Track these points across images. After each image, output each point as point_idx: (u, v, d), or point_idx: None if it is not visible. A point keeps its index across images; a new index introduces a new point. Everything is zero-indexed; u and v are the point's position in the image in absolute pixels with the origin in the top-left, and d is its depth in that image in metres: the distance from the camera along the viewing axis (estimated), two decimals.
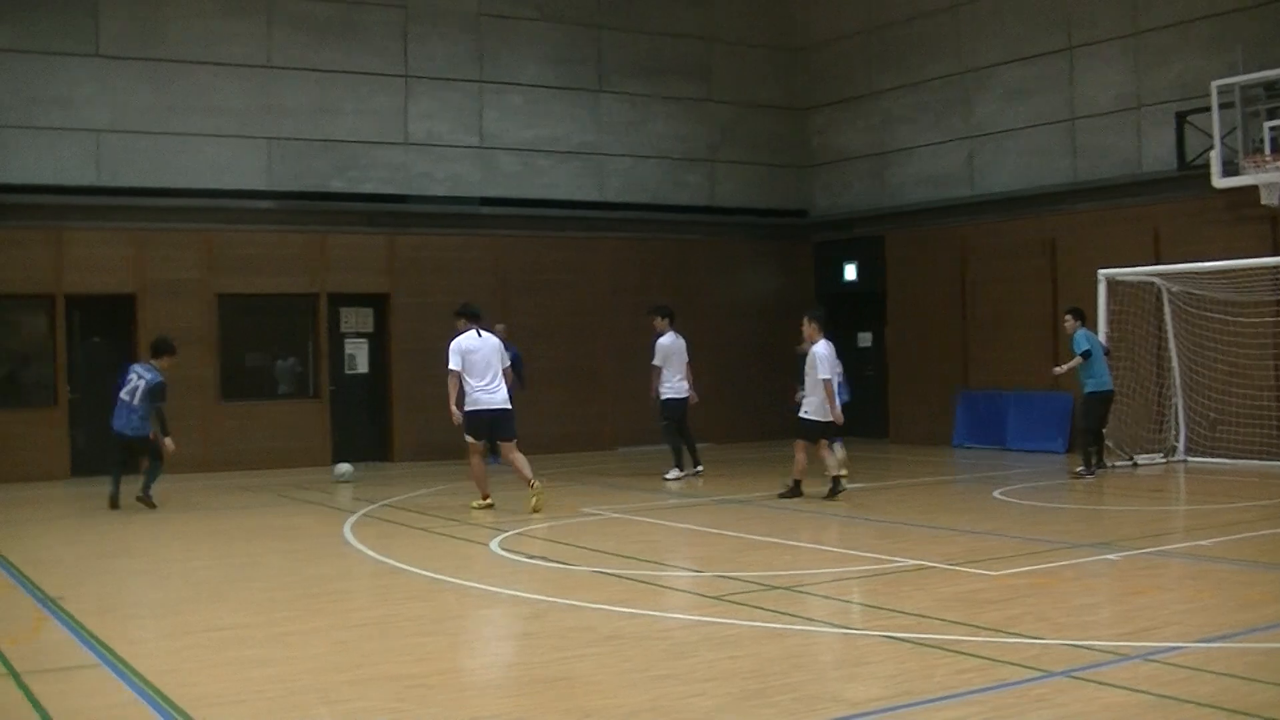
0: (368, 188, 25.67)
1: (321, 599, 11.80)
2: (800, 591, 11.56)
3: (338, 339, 25.55)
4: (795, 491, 18.12)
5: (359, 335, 25.80)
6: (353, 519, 17.03)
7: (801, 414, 18.25)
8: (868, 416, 24.62)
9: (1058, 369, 21.16)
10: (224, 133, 24.53)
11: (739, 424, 28.00)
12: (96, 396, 23.28)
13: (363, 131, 25.69)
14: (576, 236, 27.58)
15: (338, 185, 25.40)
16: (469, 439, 17.64)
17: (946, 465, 23.57)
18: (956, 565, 12.43)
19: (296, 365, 25.42)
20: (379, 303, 25.83)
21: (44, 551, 15.19)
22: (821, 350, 18.01)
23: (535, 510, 17.10)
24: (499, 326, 23.35)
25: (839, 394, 18.43)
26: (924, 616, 10.12)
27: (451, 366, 17.40)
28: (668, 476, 21.31)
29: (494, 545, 14.43)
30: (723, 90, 29.48)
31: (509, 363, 17.96)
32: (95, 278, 23.57)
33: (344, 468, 21.67)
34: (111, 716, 7.95)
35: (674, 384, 21.74)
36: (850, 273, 29.72)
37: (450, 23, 26.54)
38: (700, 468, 21.85)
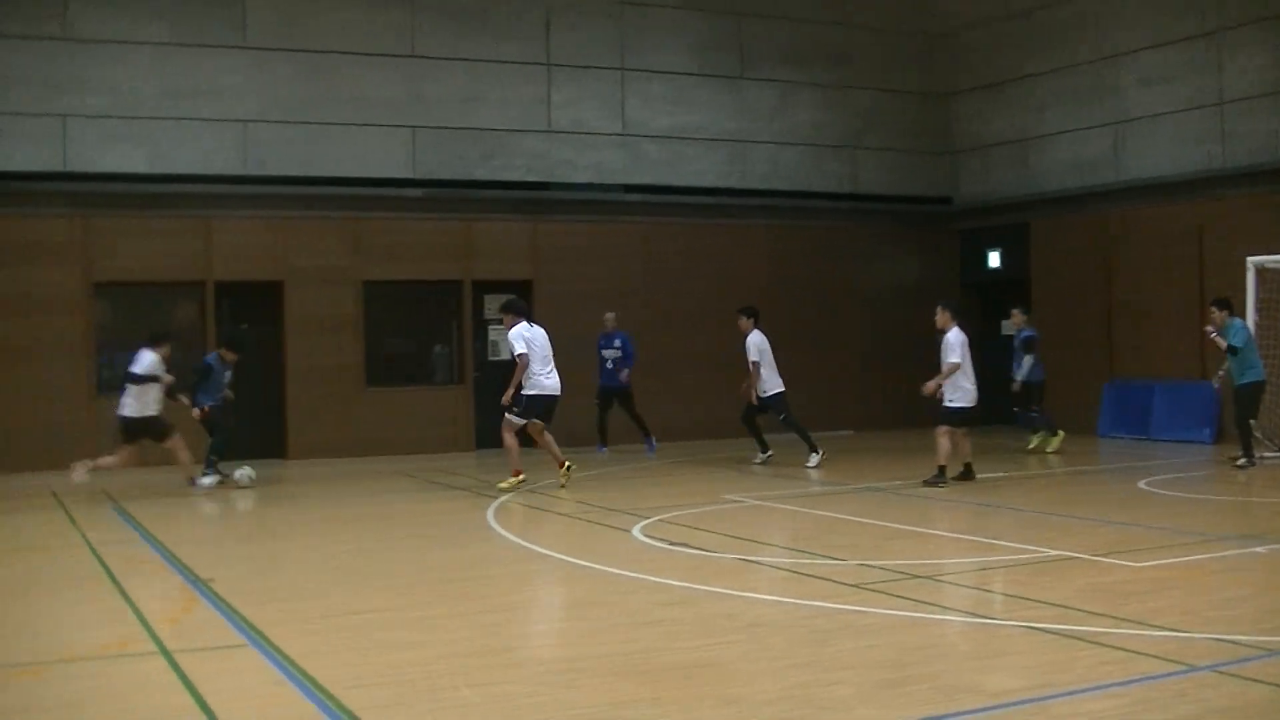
0: (511, 175, 25.87)
1: (465, 583, 11.93)
2: (941, 581, 11.54)
3: (481, 325, 25.75)
4: (940, 478, 18.06)
5: (502, 322, 25.96)
6: (495, 504, 17.19)
7: (946, 401, 18.26)
8: (1009, 405, 24.40)
9: (1220, 374, 20.84)
10: (369, 122, 24.84)
11: (881, 411, 27.93)
12: (244, 382, 23.71)
13: (506, 119, 25.89)
14: (719, 223, 27.60)
15: (482, 173, 25.62)
16: (524, 420, 18.77)
17: (1091, 455, 23.31)
18: (1099, 556, 12.33)
19: (440, 351, 25.67)
20: (522, 289, 26.01)
21: (196, 533, 15.52)
22: (954, 336, 18.03)
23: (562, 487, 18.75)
24: (609, 315, 23.59)
25: (1034, 374, 20.93)
26: (1065, 607, 10.05)
27: (521, 350, 18.57)
28: (809, 465, 21.34)
29: (636, 531, 14.51)
30: (865, 76, 29.34)
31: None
32: (243, 265, 23.99)
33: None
34: (259, 696, 8.11)
35: (771, 379, 22.19)
36: (994, 260, 29.49)
37: (592, 11, 26.66)
38: (770, 453, 22.41)
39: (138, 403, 19.12)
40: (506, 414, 18.79)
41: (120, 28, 23.39)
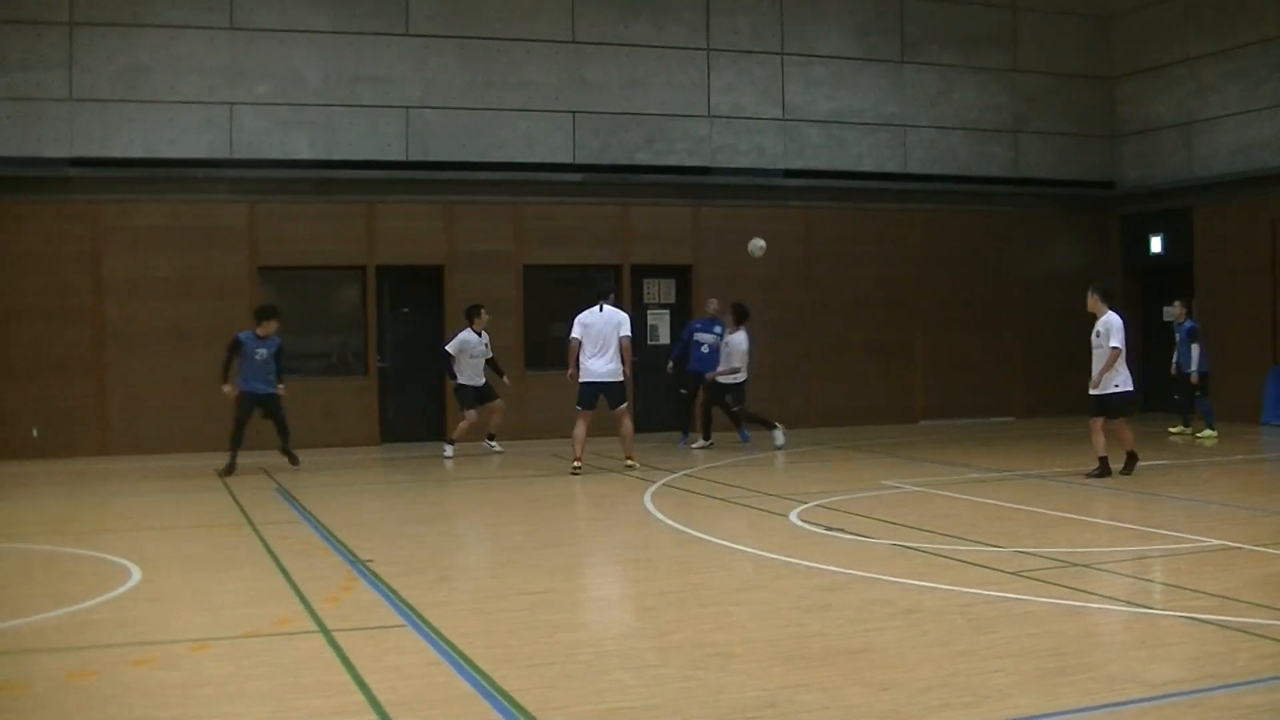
0: (671, 160, 25.97)
1: (623, 566, 12.07)
2: (1100, 569, 11.48)
3: (640, 310, 25.86)
4: (1104, 470, 17.72)
5: (661, 306, 26.12)
6: (653, 488, 17.30)
7: (1103, 389, 17.80)
8: (1171, 393, 24.11)
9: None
10: (531, 107, 25.05)
11: (1044, 397, 27.71)
12: (405, 365, 24.15)
13: (666, 104, 25.98)
14: (881, 208, 27.50)
15: (642, 158, 25.75)
16: (577, 406, 19.37)
17: (1255, 443, 22.99)
18: (1263, 547, 12.19)
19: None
20: (682, 274, 26.14)
21: (355, 515, 15.79)
22: (1114, 320, 17.66)
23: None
24: (711, 302, 23.52)
25: (1202, 364, 21.38)
26: (1227, 598, 9.97)
27: (574, 335, 19.28)
28: (777, 444, 22.51)
29: (793, 517, 14.56)
30: (1028, 59, 29.06)
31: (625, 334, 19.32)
32: (404, 249, 24.35)
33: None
34: (416, 675, 8.25)
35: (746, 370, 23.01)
36: (1157, 245, 29.08)
37: None
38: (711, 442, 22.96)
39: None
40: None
41: (285, 17, 23.82)
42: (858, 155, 27.43)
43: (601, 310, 19.32)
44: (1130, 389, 17.76)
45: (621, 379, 19.36)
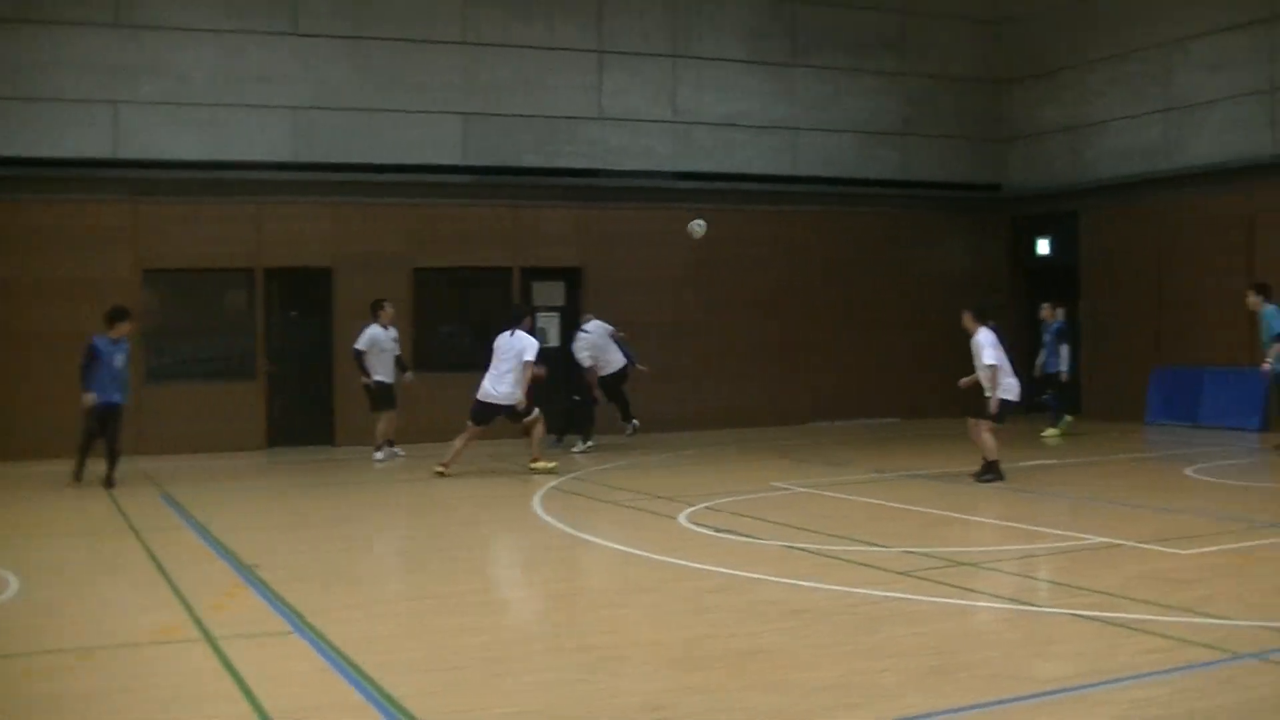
0: (562, 162, 25.91)
1: (513, 570, 12.05)
2: (986, 568, 11.57)
3: (530, 313, 25.76)
4: (991, 474, 17.76)
5: (551, 309, 26.05)
6: (542, 491, 17.26)
7: (988, 394, 17.95)
8: (1060, 392, 24.38)
9: (1266, 365, 20.66)
10: (422, 108, 24.90)
11: (929, 398, 27.89)
12: (293, 369, 23.94)
13: (557, 107, 25.92)
14: (771, 210, 27.56)
15: (533, 160, 25.67)
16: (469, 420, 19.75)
17: (1139, 442, 23.28)
18: (1147, 544, 12.33)
19: (488, 339, 25.68)
20: (571, 276, 26.09)
21: (242, 520, 15.64)
22: (983, 339, 17.80)
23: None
24: (595, 322, 23.47)
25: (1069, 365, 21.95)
26: (1112, 595, 10.07)
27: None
28: (577, 450, 22.62)
29: (682, 519, 14.57)
30: (917, 63, 29.26)
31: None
32: (293, 252, 24.12)
33: None
34: (304, 683, 8.18)
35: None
36: (1044, 247, 29.39)
37: None
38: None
39: None
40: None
41: (172, 15, 23.51)
42: (748, 158, 27.50)
43: (512, 335, 19.55)
44: (1009, 398, 17.79)
45: (514, 403, 19.44)
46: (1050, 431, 23.58)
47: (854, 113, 28.57)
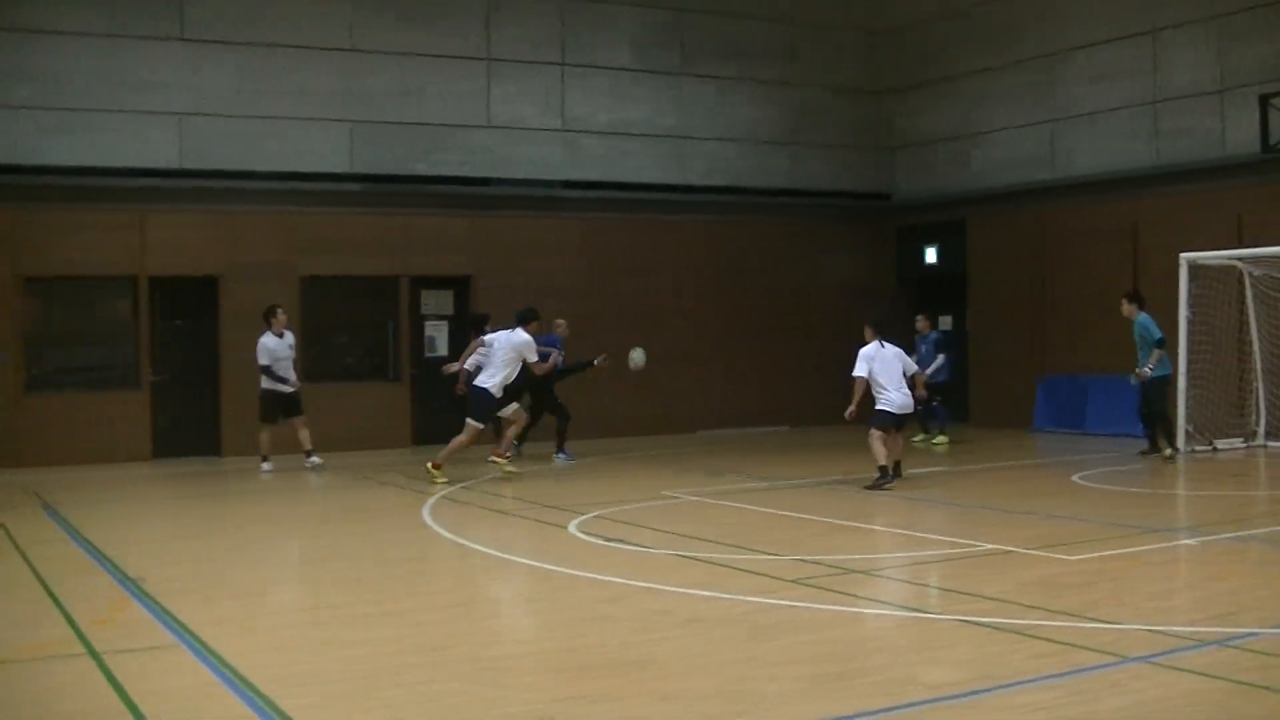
0: (450, 170, 25.77)
1: (401, 581, 11.91)
2: (879, 575, 11.60)
3: (418, 321, 25.67)
4: (883, 479, 17.91)
5: (439, 318, 25.92)
6: (431, 501, 17.14)
7: (878, 405, 18.15)
8: (948, 400, 24.55)
9: (1147, 370, 20.90)
10: (307, 115, 24.69)
11: (819, 406, 27.96)
12: (179, 378, 23.63)
13: (445, 114, 25.79)
14: (660, 219, 27.58)
15: (420, 168, 25.52)
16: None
17: (1026, 449, 23.49)
18: (1035, 550, 12.40)
19: (377, 348, 25.53)
20: (460, 285, 25.96)
21: (127, 532, 15.40)
22: (861, 351, 18.13)
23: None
24: (559, 322, 23.25)
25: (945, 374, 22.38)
26: (1002, 601, 10.11)
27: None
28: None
29: (573, 528, 14.50)
30: (806, 73, 29.40)
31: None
32: (177, 260, 23.80)
33: None
34: (190, 697, 8.03)
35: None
36: (931, 256, 29.62)
37: (533, 5, 26.58)
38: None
39: None
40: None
41: (51, 18, 23.12)
42: (637, 166, 27.50)
43: (513, 332, 19.77)
44: (885, 409, 17.91)
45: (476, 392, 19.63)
46: (940, 439, 23.72)
47: (743, 122, 28.66)
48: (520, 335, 19.51)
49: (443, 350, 25.55)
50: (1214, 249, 22.27)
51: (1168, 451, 20.40)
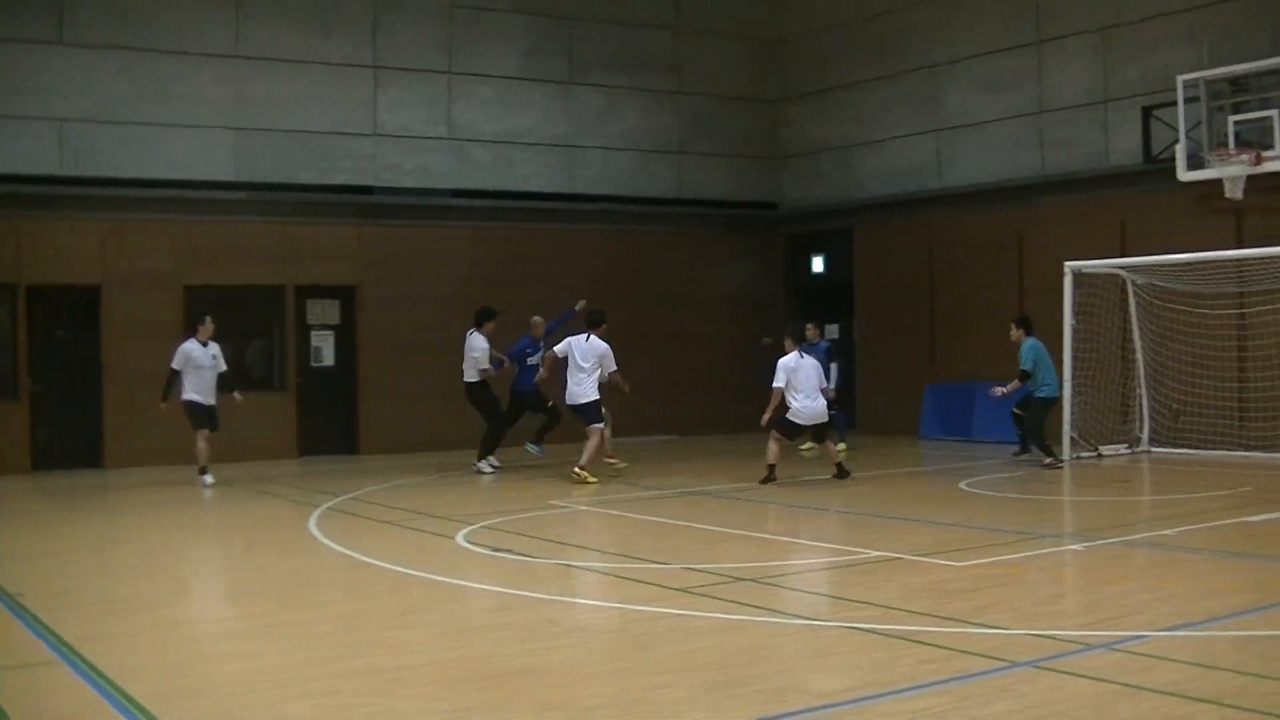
0: (337, 179, 25.57)
1: (289, 593, 11.76)
2: (767, 583, 11.57)
3: (304, 331, 25.44)
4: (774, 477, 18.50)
5: (325, 327, 25.70)
6: (318, 513, 16.96)
7: (789, 414, 18.62)
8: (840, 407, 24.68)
9: (1001, 390, 21.26)
10: (193, 123, 24.38)
11: (707, 415, 28.03)
12: (60, 389, 23.25)
13: (332, 122, 25.59)
14: (548, 228, 27.50)
15: (307, 176, 25.29)
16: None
17: (914, 457, 23.64)
18: (923, 556, 12.44)
19: (263, 357, 25.27)
20: (347, 295, 25.74)
21: (5, 546, 15.11)
22: (780, 362, 18.78)
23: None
24: (537, 319, 22.98)
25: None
26: (890, 607, 10.13)
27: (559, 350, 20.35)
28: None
29: (460, 538, 14.40)
30: (694, 82, 29.46)
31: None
32: (60, 268, 23.41)
33: None
34: (72, 714, 7.88)
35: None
36: (818, 265, 29.79)
37: (421, 13, 26.43)
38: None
39: None
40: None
41: None
42: (525, 175, 27.42)
43: (588, 340, 20.06)
44: (795, 420, 18.66)
45: (589, 402, 19.94)
46: (809, 448, 23.61)
47: (631, 131, 28.68)
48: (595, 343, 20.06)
49: (329, 360, 25.37)
50: (1098, 258, 22.57)
51: (1047, 461, 20.66)
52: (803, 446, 23.40)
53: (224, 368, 21.12)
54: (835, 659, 8.81)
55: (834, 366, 23.86)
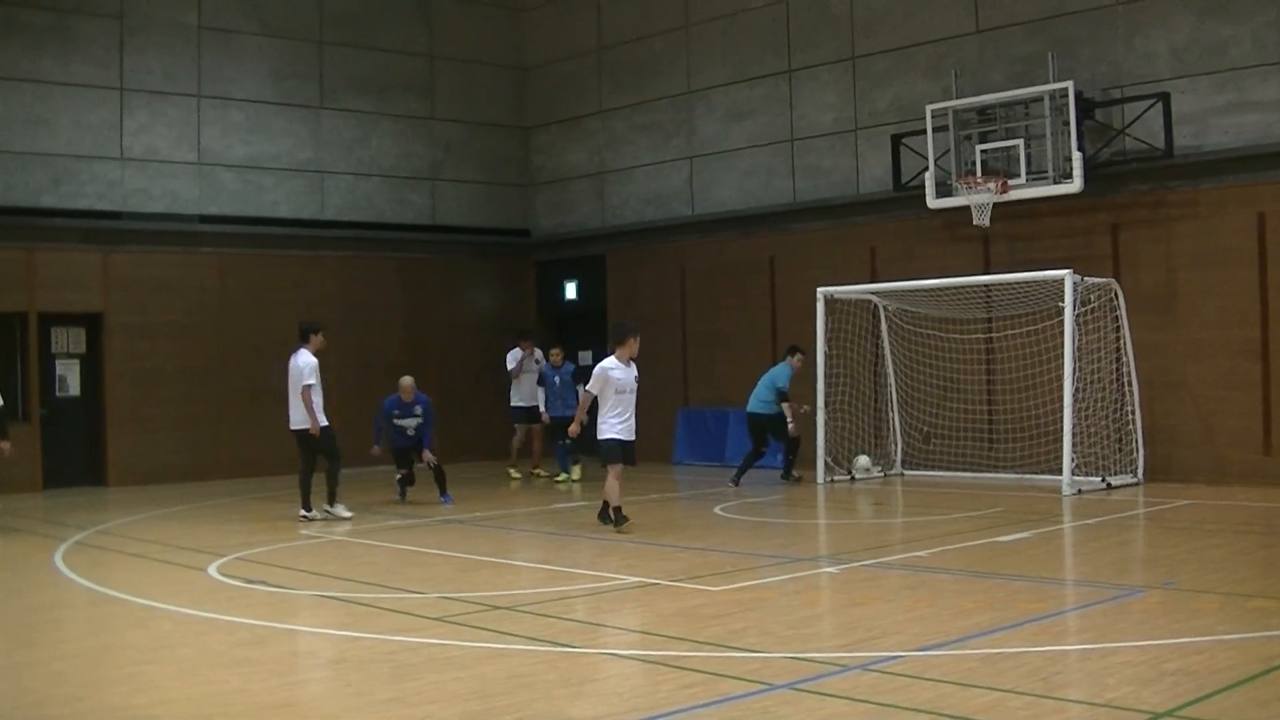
0: (81, 203, 24.92)
1: (33, 629, 11.43)
2: (523, 611, 11.54)
3: (48, 360, 24.75)
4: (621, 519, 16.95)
5: (71, 356, 25.05)
6: (64, 546, 16.52)
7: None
8: (557, 438, 24.67)
9: (796, 409, 21.85)
10: None
11: (461, 443, 27.87)
12: None
13: (76, 145, 24.93)
14: (297, 254, 27.15)
15: (49, 200, 24.61)
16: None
17: (667, 482, 23.78)
18: (679, 581, 12.53)
19: (4, 388, 24.54)
20: (93, 322, 25.12)
21: None
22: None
23: None
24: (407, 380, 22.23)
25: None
26: (647, 633, 10.19)
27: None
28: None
29: (212, 570, 14.14)
30: (447, 108, 29.39)
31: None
32: None
33: None
34: None
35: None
36: (571, 291, 29.88)
37: (169, 35, 25.91)
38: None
39: None
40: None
41: None
42: (274, 201, 27.06)
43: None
44: (610, 436, 17.52)
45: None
46: (563, 477, 23.55)
47: (383, 156, 28.50)
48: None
49: (74, 390, 24.72)
50: (850, 283, 22.99)
51: (795, 475, 21.31)
52: (557, 478, 23.39)
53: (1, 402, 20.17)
54: (595, 685, 8.83)
55: (581, 389, 23.86)
